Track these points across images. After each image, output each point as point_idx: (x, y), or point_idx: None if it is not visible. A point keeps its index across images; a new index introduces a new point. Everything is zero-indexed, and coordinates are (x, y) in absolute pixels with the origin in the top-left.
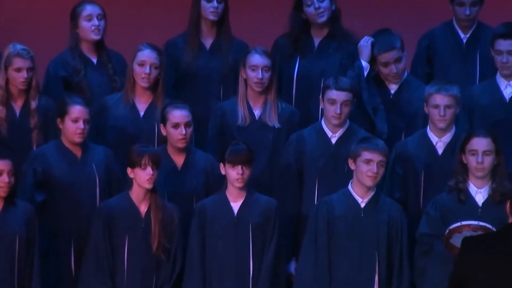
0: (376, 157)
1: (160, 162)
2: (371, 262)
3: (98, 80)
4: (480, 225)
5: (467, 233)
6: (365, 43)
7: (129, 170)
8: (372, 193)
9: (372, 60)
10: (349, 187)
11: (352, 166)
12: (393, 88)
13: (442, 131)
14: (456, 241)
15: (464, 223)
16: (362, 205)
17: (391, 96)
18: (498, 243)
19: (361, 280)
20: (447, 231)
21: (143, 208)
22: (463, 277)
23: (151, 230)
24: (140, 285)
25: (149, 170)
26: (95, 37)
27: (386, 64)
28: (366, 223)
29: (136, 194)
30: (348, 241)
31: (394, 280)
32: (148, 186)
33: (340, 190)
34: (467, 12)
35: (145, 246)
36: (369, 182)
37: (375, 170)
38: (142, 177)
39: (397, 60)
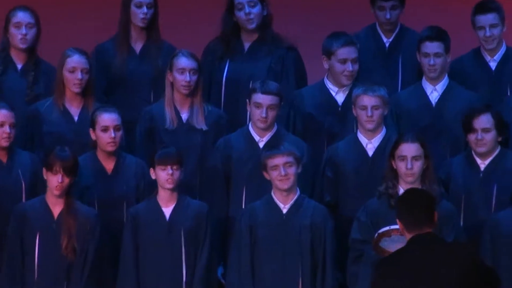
0: (280, 160)
1: (76, 169)
2: (295, 267)
3: (16, 86)
4: None
5: (395, 237)
6: None
7: (44, 171)
8: (295, 198)
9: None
10: (272, 193)
11: (267, 176)
12: (340, 97)
13: (371, 133)
14: (386, 244)
15: (393, 227)
16: (284, 210)
17: (339, 109)
18: (408, 259)
19: (285, 285)
20: (376, 235)
21: (56, 210)
22: None
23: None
24: (51, 285)
25: (59, 177)
26: (21, 45)
27: (344, 61)
28: (289, 229)
29: (51, 196)
30: (271, 247)
31: (317, 285)
32: (56, 192)
33: (264, 197)
34: (388, 16)
35: (56, 247)
36: (283, 186)
37: (282, 173)
38: (52, 182)
39: (355, 60)
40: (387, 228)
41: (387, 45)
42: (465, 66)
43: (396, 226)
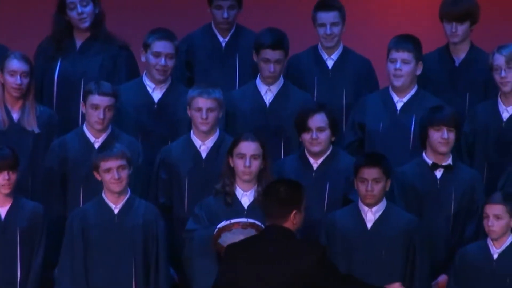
0: (113, 163)
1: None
2: (128, 267)
3: None
4: (250, 222)
5: (236, 230)
6: None
7: None
8: (126, 198)
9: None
10: (103, 194)
11: (98, 177)
12: (156, 95)
13: (205, 135)
14: (225, 239)
15: (233, 220)
16: (116, 211)
17: (155, 106)
18: (258, 247)
19: (120, 286)
20: (216, 230)
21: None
22: (228, 284)
23: None
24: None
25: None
26: None
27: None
28: (121, 229)
29: None
30: (104, 248)
31: (151, 284)
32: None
33: (94, 198)
34: (225, 15)
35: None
36: (115, 188)
37: (116, 176)
38: None
39: (170, 55)
40: (227, 222)
41: (223, 44)
42: (302, 63)
43: (237, 220)
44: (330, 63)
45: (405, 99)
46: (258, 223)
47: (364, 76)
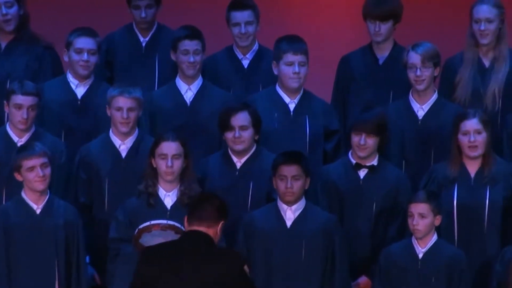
0: (36, 161)
1: None
2: (50, 267)
3: None
4: (169, 224)
5: (156, 232)
6: None
7: None
8: (47, 198)
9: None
10: (23, 194)
11: (19, 178)
12: (80, 91)
13: (124, 135)
14: (145, 240)
15: (153, 222)
16: (38, 211)
17: (79, 102)
18: (178, 251)
19: (42, 286)
20: (137, 230)
21: None
22: (143, 286)
23: None
24: None
25: None
26: None
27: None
28: (43, 229)
29: None
30: (26, 249)
31: (73, 284)
32: None
33: (14, 197)
34: (143, 15)
35: None
36: (39, 186)
37: (40, 174)
38: None
39: (92, 51)
40: (147, 223)
41: (143, 44)
42: (218, 64)
43: (157, 222)
44: (245, 63)
45: (296, 100)
46: (178, 225)
47: None
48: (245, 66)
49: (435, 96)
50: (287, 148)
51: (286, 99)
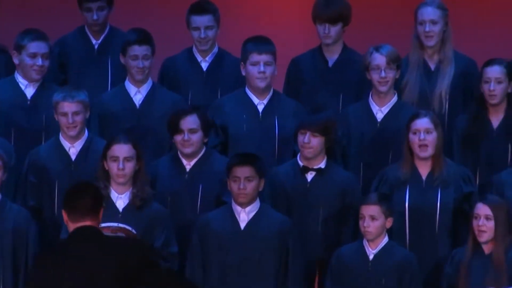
0: None
1: None
2: None
3: None
4: (120, 227)
5: (107, 234)
6: None
7: None
8: None
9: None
10: None
11: None
12: (29, 92)
13: (74, 138)
14: None
15: (104, 225)
16: None
17: (28, 102)
18: (67, 252)
19: None
20: None
21: None
22: None
23: None
24: None
25: None
26: None
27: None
28: None
29: None
30: None
31: None
32: None
33: None
34: (95, 17)
35: None
36: None
37: None
38: None
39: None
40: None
41: (96, 46)
42: (177, 65)
43: (108, 224)
44: (204, 65)
45: (265, 101)
46: (129, 228)
47: (239, 78)
48: (204, 69)
49: (394, 99)
50: (256, 149)
51: (255, 100)
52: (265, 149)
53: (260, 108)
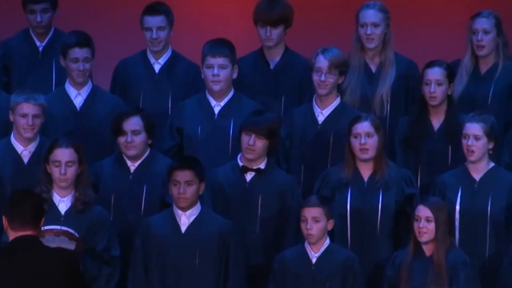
0: None
1: None
2: None
3: None
4: (63, 230)
5: (49, 237)
6: None
7: None
8: None
9: None
10: None
11: None
12: None
13: (27, 141)
14: None
15: (46, 227)
16: None
17: None
18: (7, 261)
19: None
20: None
21: None
22: None
23: None
24: None
25: None
26: None
27: None
28: None
29: None
30: None
31: None
32: None
33: None
34: (38, 19)
35: None
36: None
37: None
38: None
39: None
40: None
41: (40, 49)
42: (130, 67)
43: (50, 227)
44: (157, 67)
45: (223, 103)
46: (71, 231)
47: (192, 81)
48: (157, 71)
49: (336, 102)
50: (211, 151)
51: (212, 102)
52: (220, 151)
53: (217, 110)
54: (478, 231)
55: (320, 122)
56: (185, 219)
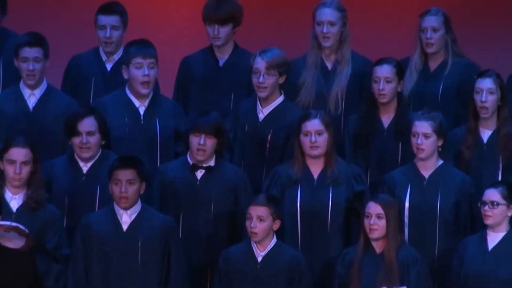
0: None
1: None
2: None
3: None
4: (13, 226)
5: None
6: None
7: None
8: None
9: None
10: None
11: None
12: None
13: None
14: None
15: None
16: None
17: None
18: None
19: None
20: None
21: None
22: None
23: None
24: None
25: None
26: None
27: None
28: None
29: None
30: None
31: None
32: None
33: None
34: None
35: None
36: None
37: None
38: None
39: None
40: None
41: None
42: (82, 64)
43: (1, 223)
44: (109, 66)
45: (146, 103)
46: (22, 227)
47: None
48: (108, 69)
49: (279, 100)
50: (138, 151)
51: (136, 103)
52: (148, 151)
53: (141, 110)
54: (428, 228)
55: (260, 120)
56: (126, 217)
